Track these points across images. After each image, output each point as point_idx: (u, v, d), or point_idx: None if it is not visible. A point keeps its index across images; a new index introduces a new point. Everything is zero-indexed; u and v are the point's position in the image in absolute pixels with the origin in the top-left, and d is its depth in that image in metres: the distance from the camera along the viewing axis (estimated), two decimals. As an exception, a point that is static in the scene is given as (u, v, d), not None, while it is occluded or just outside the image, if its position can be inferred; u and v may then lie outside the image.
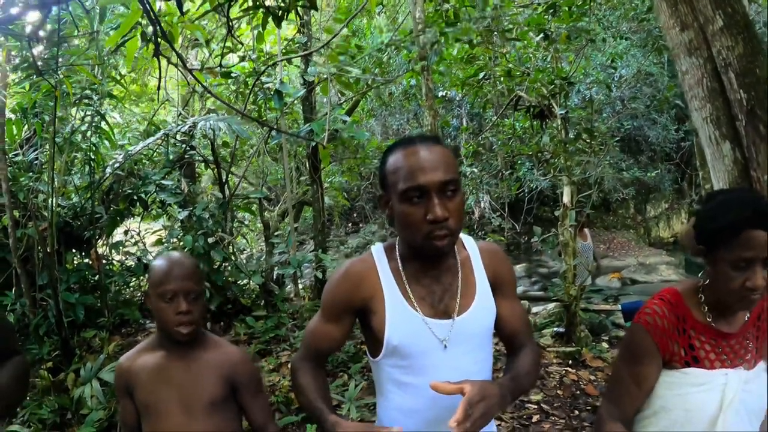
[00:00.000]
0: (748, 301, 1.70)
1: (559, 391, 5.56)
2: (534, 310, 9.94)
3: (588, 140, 7.44)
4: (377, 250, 1.89)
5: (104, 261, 6.80)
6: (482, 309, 1.84)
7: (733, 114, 2.55)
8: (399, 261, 1.84)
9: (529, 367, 1.89)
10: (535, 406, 5.19)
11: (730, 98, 2.56)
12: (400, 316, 1.78)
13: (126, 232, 7.69)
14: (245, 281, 7.71)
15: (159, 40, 2.97)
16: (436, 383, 1.59)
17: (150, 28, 3.00)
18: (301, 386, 1.89)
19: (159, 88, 4.40)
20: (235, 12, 4.04)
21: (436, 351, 1.77)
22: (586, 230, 8.14)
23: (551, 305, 9.13)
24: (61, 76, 5.02)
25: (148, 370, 2.13)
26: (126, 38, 3.29)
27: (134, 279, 7.44)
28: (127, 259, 7.65)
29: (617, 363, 1.95)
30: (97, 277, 6.41)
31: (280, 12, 3.61)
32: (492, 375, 1.94)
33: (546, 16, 6.52)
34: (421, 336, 1.77)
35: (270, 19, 3.64)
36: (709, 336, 1.81)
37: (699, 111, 2.65)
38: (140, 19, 3.13)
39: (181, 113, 8.61)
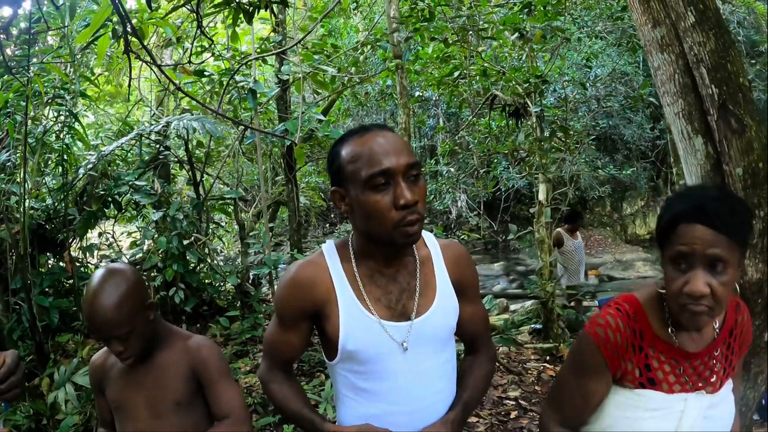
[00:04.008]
0: (690, 313, 1.51)
1: (536, 387, 5.59)
2: (512, 307, 10.01)
3: (563, 138, 7.49)
4: (329, 249, 1.79)
5: (78, 264, 6.71)
6: (443, 309, 1.76)
7: (705, 109, 2.56)
8: (353, 260, 1.74)
9: (481, 383, 1.89)
10: (513, 402, 5.21)
11: (701, 93, 2.57)
12: (354, 320, 1.69)
13: (100, 235, 7.60)
14: (221, 282, 7.66)
15: (129, 37, 2.93)
16: None
17: (121, 25, 2.96)
18: (282, 398, 1.83)
19: (130, 85, 4.35)
20: (206, 9, 4.02)
21: (395, 355, 1.70)
22: (577, 232, 8.20)
23: (529, 302, 9.20)
24: (33, 75, 4.94)
25: (117, 370, 2.11)
26: (96, 35, 3.25)
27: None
28: (101, 261, 7.56)
29: (564, 370, 1.80)
30: (71, 281, 6.32)
31: (251, 8, 3.58)
32: (455, 375, 1.89)
33: (521, 15, 6.53)
34: (377, 340, 1.69)
35: (242, 16, 3.62)
36: (669, 356, 1.62)
37: (671, 106, 2.66)
38: (110, 16, 3.09)
39: (155, 113, 8.53)
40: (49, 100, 5.88)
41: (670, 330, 1.62)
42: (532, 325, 7.75)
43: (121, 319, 1.91)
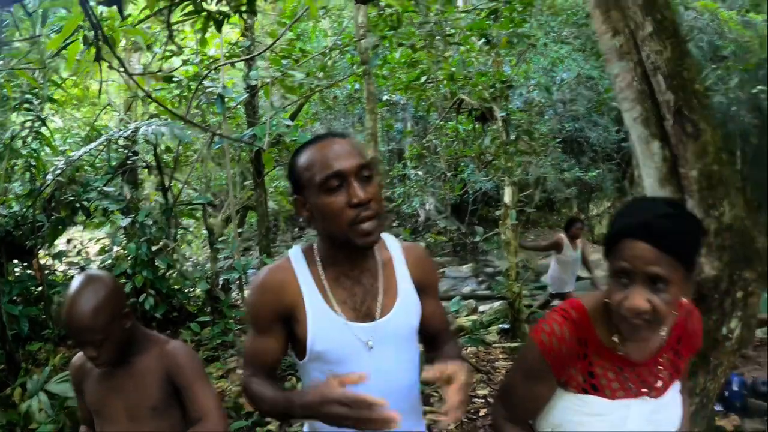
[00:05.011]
0: (629, 326, 1.52)
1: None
2: (481, 308, 10.11)
3: (528, 142, 7.60)
4: (295, 254, 1.86)
5: (47, 271, 6.66)
6: (405, 309, 1.84)
7: (662, 114, 2.67)
8: (319, 264, 1.82)
9: (454, 352, 1.96)
10: (482, 400, 5.31)
11: (658, 100, 2.67)
12: (321, 321, 1.76)
13: (68, 241, 7.54)
14: (191, 288, 7.64)
15: (100, 44, 2.96)
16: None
17: (92, 32, 2.99)
18: (259, 393, 1.82)
19: (100, 92, 4.35)
20: (176, 16, 4.04)
21: (361, 354, 1.76)
22: (579, 240, 7.82)
23: (497, 303, 9.31)
24: (2, 80, 4.91)
25: (96, 373, 2.15)
26: (68, 42, 3.26)
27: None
28: (70, 268, 7.50)
29: (512, 371, 1.85)
30: (40, 288, 6.27)
31: (221, 17, 3.63)
32: (418, 374, 1.94)
33: (488, 22, 6.62)
34: (344, 340, 1.76)
35: (212, 23, 3.66)
36: (613, 364, 1.64)
37: (629, 112, 2.77)
38: (82, 23, 3.11)
39: (123, 118, 8.49)
40: (17, 105, 5.84)
41: (615, 338, 1.63)
42: (500, 325, 7.86)
43: (96, 325, 1.96)
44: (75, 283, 2.02)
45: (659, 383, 1.67)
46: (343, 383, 1.50)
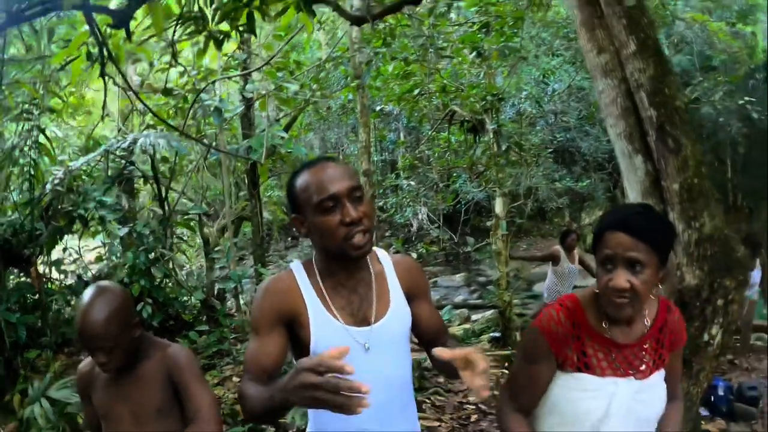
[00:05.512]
0: (614, 305, 1.80)
1: (495, 392, 5.74)
2: (473, 317, 10.18)
3: (519, 153, 7.69)
4: (296, 267, 2.01)
5: (44, 279, 6.71)
6: (397, 316, 1.99)
7: (645, 130, 2.79)
8: (317, 275, 1.96)
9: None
10: (474, 407, 5.41)
11: (641, 116, 2.80)
12: (323, 326, 1.91)
13: (64, 250, 7.58)
14: (187, 297, 7.70)
15: (105, 61, 3.06)
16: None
17: (96, 49, 3.09)
18: (249, 393, 1.84)
19: (104, 106, 4.44)
20: (178, 34, 4.13)
21: (359, 355, 1.87)
22: (575, 252, 7.75)
23: (489, 312, 9.40)
24: (7, 93, 4.99)
25: (103, 378, 2.24)
26: (72, 58, 3.36)
27: (75, 297, 7.32)
28: (66, 277, 7.54)
29: (516, 361, 2.10)
30: (37, 296, 6.33)
31: (222, 36, 3.74)
32: (412, 379, 2.10)
33: (479, 35, 6.74)
34: (343, 343, 1.83)
35: (212, 43, 3.76)
36: (602, 345, 1.89)
37: (614, 127, 2.89)
38: (86, 40, 3.20)
39: (121, 129, 8.56)
40: (17, 115, 5.91)
41: (604, 324, 1.90)
42: (492, 334, 7.95)
43: (108, 333, 2.06)
44: (87, 294, 2.14)
45: (643, 366, 1.92)
46: (325, 357, 1.51)
